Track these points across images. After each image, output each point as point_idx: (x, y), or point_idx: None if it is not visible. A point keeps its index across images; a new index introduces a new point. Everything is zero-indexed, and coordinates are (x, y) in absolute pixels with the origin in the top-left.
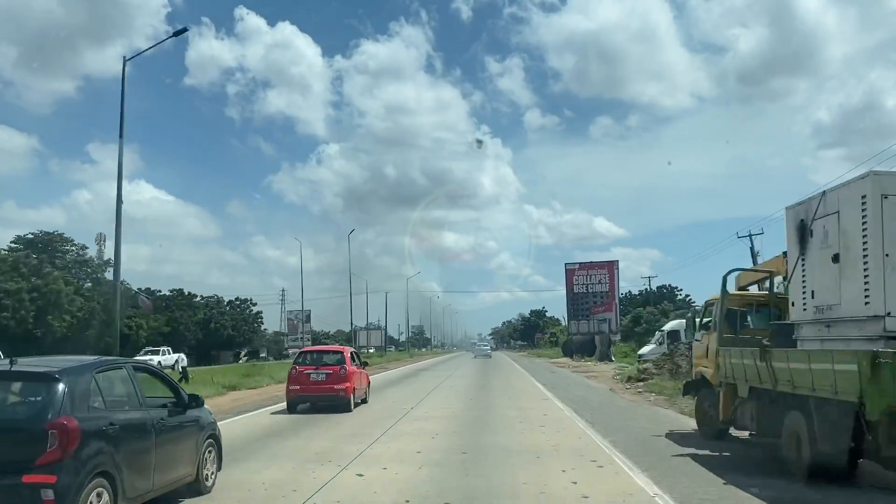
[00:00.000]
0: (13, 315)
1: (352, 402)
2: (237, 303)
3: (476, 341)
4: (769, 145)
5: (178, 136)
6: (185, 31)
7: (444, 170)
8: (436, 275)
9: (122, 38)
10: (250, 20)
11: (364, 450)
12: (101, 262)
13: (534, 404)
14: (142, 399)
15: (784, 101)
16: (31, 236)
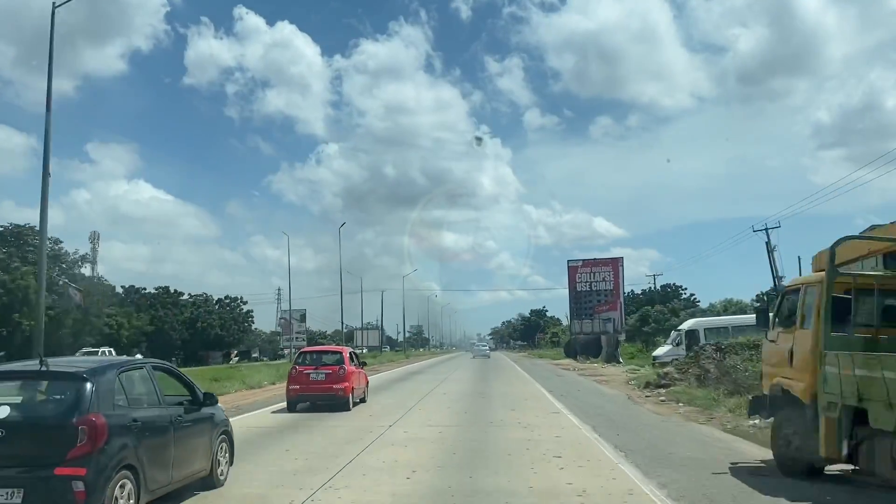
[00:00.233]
0: None
1: (350, 402)
2: (226, 301)
3: (475, 341)
4: (769, 145)
5: (177, 135)
6: None
7: (443, 170)
8: (435, 275)
9: (121, 38)
10: (249, 19)
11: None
12: (77, 257)
13: (542, 419)
14: (161, 397)
15: (784, 101)
16: (0, 229)
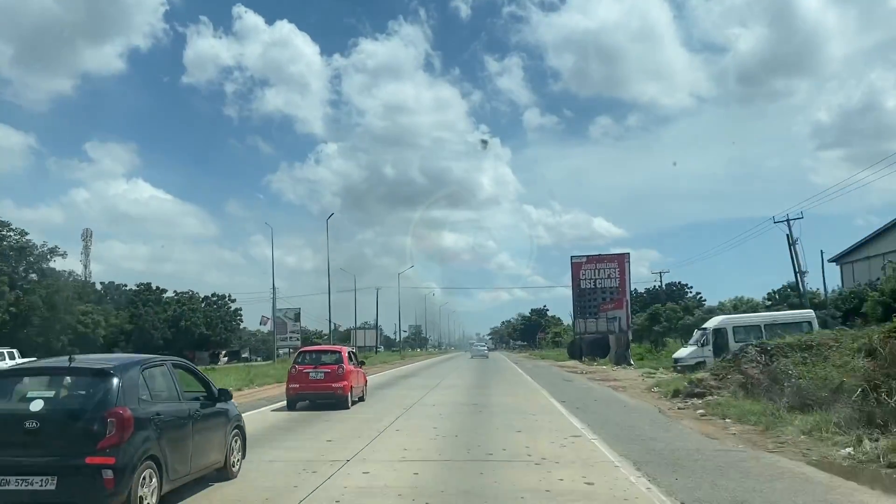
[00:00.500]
0: None
1: (349, 400)
2: (213, 299)
3: (474, 341)
4: (769, 146)
5: (176, 134)
6: None
7: (443, 169)
8: (435, 275)
9: (120, 36)
10: (248, 18)
11: None
12: (45, 249)
13: (561, 447)
14: (180, 393)
15: (784, 102)
16: None
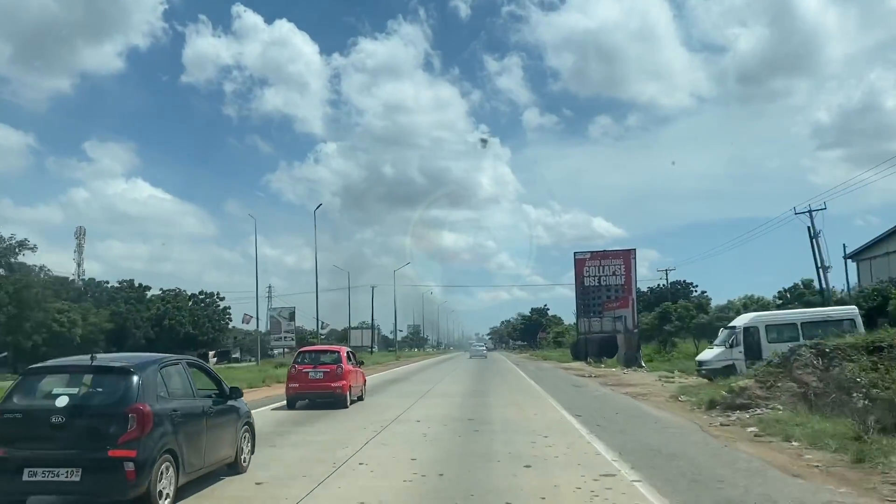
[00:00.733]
0: None
1: (348, 399)
2: (201, 297)
3: (473, 341)
4: (768, 146)
5: (176, 134)
6: None
7: (442, 169)
8: (434, 274)
9: (119, 35)
10: (247, 17)
11: None
12: (14, 242)
13: (591, 499)
14: (194, 390)
15: (784, 102)
16: None
